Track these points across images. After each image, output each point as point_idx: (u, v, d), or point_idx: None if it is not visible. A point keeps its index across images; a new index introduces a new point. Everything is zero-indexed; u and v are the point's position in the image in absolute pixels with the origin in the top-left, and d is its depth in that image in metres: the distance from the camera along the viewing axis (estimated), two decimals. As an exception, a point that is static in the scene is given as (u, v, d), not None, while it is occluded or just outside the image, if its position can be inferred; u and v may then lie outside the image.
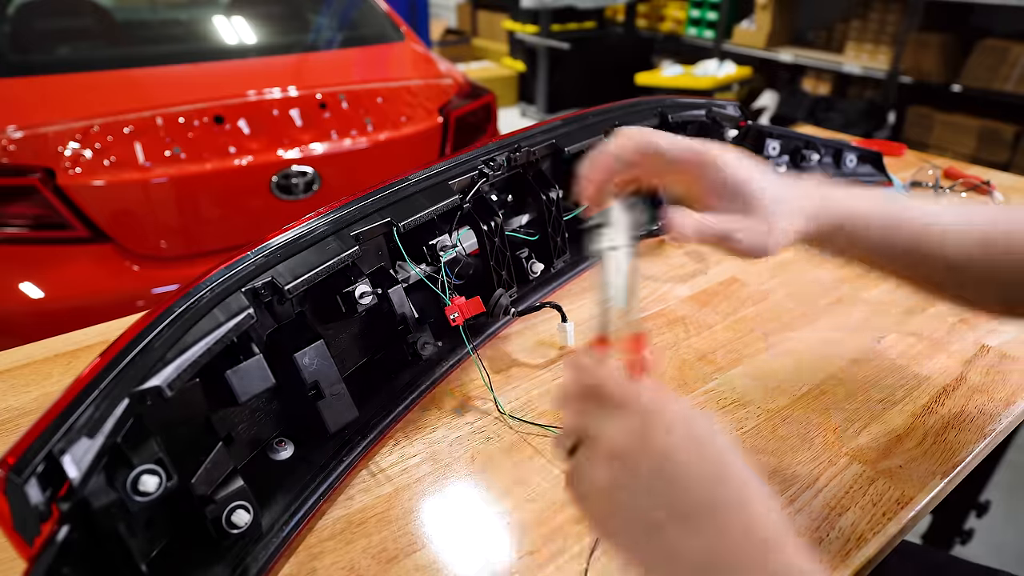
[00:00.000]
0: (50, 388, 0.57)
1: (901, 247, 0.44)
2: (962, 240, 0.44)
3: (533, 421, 0.53)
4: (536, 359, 0.61)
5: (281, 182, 1.40)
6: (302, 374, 0.46)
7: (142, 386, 0.35)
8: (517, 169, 0.68)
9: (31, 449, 0.31)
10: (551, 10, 3.94)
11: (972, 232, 0.44)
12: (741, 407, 0.54)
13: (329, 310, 0.51)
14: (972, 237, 0.44)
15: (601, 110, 0.81)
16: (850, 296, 0.72)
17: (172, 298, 0.41)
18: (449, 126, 1.61)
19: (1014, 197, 1.00)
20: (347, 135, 1.47)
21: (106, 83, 1.45)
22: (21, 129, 1.25)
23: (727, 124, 0.90)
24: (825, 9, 3.63)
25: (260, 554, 0.40)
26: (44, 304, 1.24)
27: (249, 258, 0.46)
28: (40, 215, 1.24)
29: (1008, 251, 0.44)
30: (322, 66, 1.74)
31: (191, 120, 1.34)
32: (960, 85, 2.91)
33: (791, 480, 0.47)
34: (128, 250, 1.31)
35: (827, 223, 0.43)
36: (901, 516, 0.44)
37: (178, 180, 1.31)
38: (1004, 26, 2.96)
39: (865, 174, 1.03)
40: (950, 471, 0.48)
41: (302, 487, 0.45)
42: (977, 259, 0.44)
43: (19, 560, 0.31)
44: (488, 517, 0.45)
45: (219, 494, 0.39)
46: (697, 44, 3.97)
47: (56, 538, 0.31)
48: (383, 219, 0.54)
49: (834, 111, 3.29)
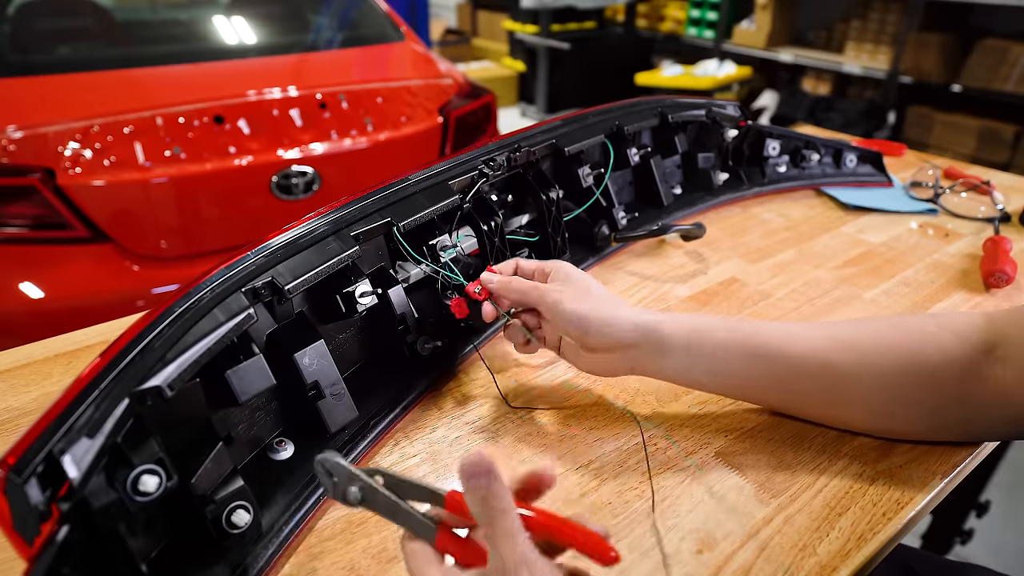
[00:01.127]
0: (50, 388, 0.57)
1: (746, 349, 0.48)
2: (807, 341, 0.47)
3: (538, 407, 0.53)
4: (536, 359, 0.61)
5: (281, 182, 1.40)
6: (302, 374, 0.46)
7: (142, 386, 0.35)
8: (517, 169, 0.68)
9: (31, 449, 0.31)
10: (551, 10, 3.94)
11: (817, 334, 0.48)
12: (741, 407, 0.54)
13: (329, 310, 0.51)
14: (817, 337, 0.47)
15: (601, 110, 0.81)
16: (850, 296, 0.72)
17: (172, 298, 0.41)
18: (449, 126, 1.61)
19: (1014, 197, 1.00)
20: (347, 135, 1.47)
21: (106, 83, 1.45)
22: (21, 129, 1.25)
23: (727, 124, 0.90)
24: (825, 9, 3.63)
25: (260, 554, 0.40)
26: (44, 304, 1.24)
27: (249, 258, 0.46)
28: (40, 215, 1.24)
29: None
30: (322, 66, 1.74)
31: (191, 120, 1.34)
32: (960, 85, 2.91)
33: (791, 480, 0.47)
34: (128, 250, 1.31)
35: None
36: (902, 516, 0.44)
37: (178, 180, 1.31)
38: (1004, 26, 2.96)
39: (865, 174, 1.04)
40: (950, 471, 0.48)
41: (302, 487, 0.45)
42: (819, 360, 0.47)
43: (19, 560, 0.31)
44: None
45: (219, 494, 0.39)
46: (697, 44, 3.97)
47: (56, 538, 0.31)
48: (383, 219, 0.54)
49: (834, 111, 3.29)
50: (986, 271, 0.75)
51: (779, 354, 0.47)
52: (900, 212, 0.94)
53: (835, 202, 0.97)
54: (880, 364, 0.45)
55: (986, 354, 0.43)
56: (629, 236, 0.76)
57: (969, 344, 0.44)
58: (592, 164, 0.76)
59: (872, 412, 0.48)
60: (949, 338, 0.44)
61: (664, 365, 0.49)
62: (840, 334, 0.47)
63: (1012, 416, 0.44)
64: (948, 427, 0.47)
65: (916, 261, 0.80)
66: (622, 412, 0.54)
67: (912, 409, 0.46)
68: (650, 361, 0.49)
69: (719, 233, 0.86)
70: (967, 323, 0.45)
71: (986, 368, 0.43)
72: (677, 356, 0.48)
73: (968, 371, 0.43)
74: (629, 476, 0.47)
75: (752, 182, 0.95)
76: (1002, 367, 0.43)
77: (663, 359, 0.48)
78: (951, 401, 0.45)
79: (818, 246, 0.83)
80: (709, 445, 0.50)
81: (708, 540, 0.42)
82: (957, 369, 0.44)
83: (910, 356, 0.45)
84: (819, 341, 0.47)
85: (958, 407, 0.45)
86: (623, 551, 0.42)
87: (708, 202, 0.90)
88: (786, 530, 0.43)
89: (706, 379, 0.49)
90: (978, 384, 0.43)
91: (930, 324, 0.46)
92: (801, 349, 0.47)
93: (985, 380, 0.43)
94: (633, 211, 0.82)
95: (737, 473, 0.48)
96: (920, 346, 0.45)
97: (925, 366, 0.44)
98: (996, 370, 0.43)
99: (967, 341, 0.44)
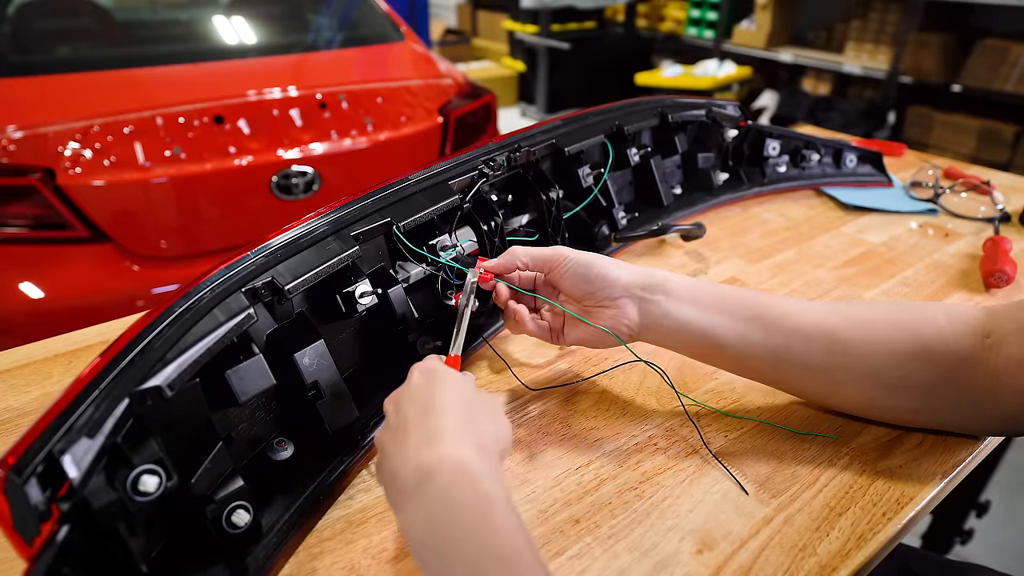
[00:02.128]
0: (50, 388, 0.57)
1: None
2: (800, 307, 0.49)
3: (555, 384, 0.53)
4: (536, 359, 0.61)
5: (281, 182, 1.40)
6: (302, 374, 0.46)
7: (142, 386, 0.35)
8: (517, 169, 0.68)
9: (31, 449, 0.31)
10: (551, 10, 3.94)
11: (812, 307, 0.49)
12: (741, 407, 0.54)
13: (329, 310, 0.51)
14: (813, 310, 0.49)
15: (601, 110, 0.81)
16: (850, 296, 0.72)
17: (172, 298, 0.41)
18: (449, 126, 1.61)
19: (1014, 197, 1.00)
20: (347, 135, 1.47)
21: (106, 83, 1.45)
22: (21, 129, 1.25)
23: (727, 124, 0.90)
24: (825, 9, 3.63)
25: (260, 554, 0.40)
26: (44, 304, 1.24)
27: (249, 258, 0.46)
28: (40, 215, 1.24)
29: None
30: (322, 66, 1.74)
31: (191, 120, 1.34)
32: (960, 85, 2.91)
33: (791, 480, 0.47)
34: (128, 250, 1.31)
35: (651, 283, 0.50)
36: (901, 516, 0.44)
37: (178, 180, 1.31)
38: (1004, 26, 2.96)
39: (865, 174, 1.04)
40: (950, 471, 0.48)
41: (302, 487, 0.45)
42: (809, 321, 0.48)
43: (19, 560, 0.31)
44: (488, 517, 0.45)
45: (219, 494, 0.39)
46: (697, 44, 3.97)
47: (56, 538, 0.31)
48: (383, 219, 0.54)
49: (834, 111, 3.29)
50: (986, 271, 0.75)
51: (783, 320, 0.47)
52: (900, 212, 0.94)
53: (835, 202, 0.97)
54: (890, 341, 0.46)
55: (982, 338, 0.45)
56: (629, 236, 0.76)
57: (967, 328, 0.45)
58: (592, 164, 0.76)
59: (871, 390, 0.48)
60: (948, 320, 0.46)
61: (668, 309, 0.49)
62: (847, 310, 0.48)
63: (1001, 408, 0.45)
64: (936, 411, 0.48)
65: (916, 261, 0.80)
66: (628, 404, 0.54)
67: (909, 389, 0.47)
68: (654, 306, 0.49)
69: (719, 233, 0.86)
70: (967, 311, 0.47)
71: (980, 353, 0.44)
72: (681, 300, 0.49)
73: (964, 354, 0.45)
74: (628, 476, 0.47)
75: (752, 182, 0.95)
76: (995, 355, 0.44)
77: (667, 303, 0.49)
78: (945, 382, 0.46)
79: (818, 246, 0.83)
80: (710, 444, 0.50)
81: (708, 540, 0.42)
82: (954, 349, 0.45)
83: (915, 333, 0.46)
84: (826, 315, 0.48)
85: (951, 389, 0.46)
86: (623, 551, 0.42)
87: (708, 202, 0.90)
88: (786, 530, 0.43)
89: (706, 332, 0.49)
90: (972, 368, 0.44)
91: (932, 307, 0.48)
92: (804, 318, 0.47)
93: (978, 364, 0.44)
94: (633, 211, 0.82)
95: (737, 473, 0.48)
96: (921, 327, 0.46)
97: (929, 344, 0.45)
98: (990, 357, 0.44)
99: (966, 326, 0.45)
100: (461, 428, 0.37)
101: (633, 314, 0.49)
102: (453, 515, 0.32)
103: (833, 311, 0.48)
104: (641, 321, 0.49)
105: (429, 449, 0.35)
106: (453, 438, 0.36)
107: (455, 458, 0.34)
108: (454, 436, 0.36)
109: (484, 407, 0.41)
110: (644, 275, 0.50)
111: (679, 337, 0.50)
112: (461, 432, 0.36)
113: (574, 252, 0.51)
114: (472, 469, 0.34)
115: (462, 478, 0.33)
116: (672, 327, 0.49)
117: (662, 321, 0.49)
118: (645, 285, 0.49)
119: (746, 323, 0.48)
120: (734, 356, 0.49)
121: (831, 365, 0.47)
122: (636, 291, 0.49)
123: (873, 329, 0.46)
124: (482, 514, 0.32)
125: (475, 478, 0.33)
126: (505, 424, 0.41)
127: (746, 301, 0.49)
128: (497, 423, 0.40)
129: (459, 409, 0.38)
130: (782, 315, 0.48)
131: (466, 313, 0.51)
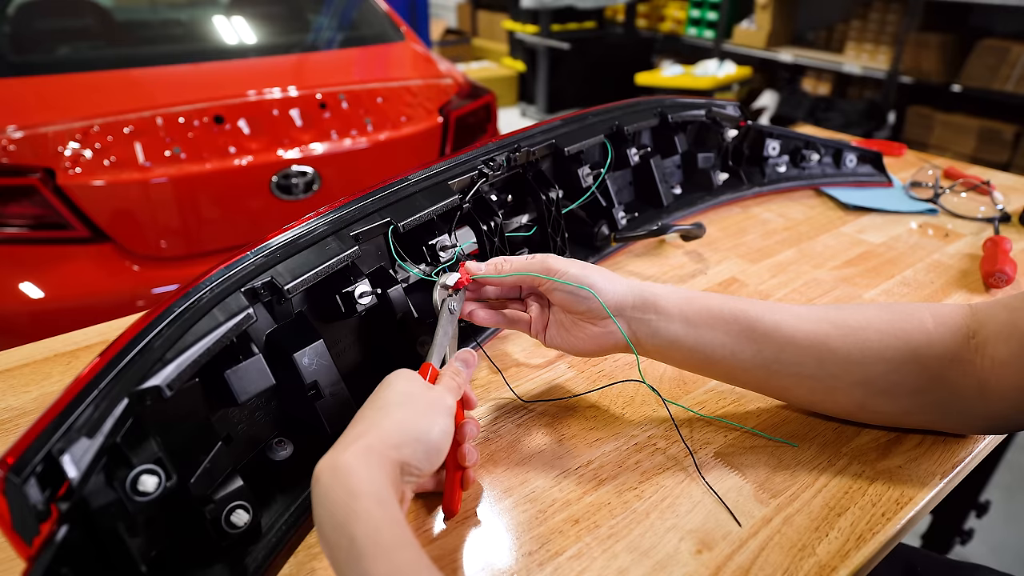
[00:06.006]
0: (50, 388, 0.57)
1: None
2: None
3: (550, 399, 0.53)
4: (536, 359, 0.61)
5: (281, 182, 1.40)
6: (301, 374, 0.46)
7: (142, 386, 0.35)
8: (517, 169, 0.68)
9: (30, 449, 0.31)
10: (551, 10, 3.94)
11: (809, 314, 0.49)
12: (740, 407, 0.54)
13: (329, 310, 0.51)
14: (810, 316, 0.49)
15: (601, 110, 0.81)
16: (850, 296, 0.72)
17: (172, 298, 0.41)
18: (449, 126, 1.61)
19: (1014, 197, 1.00)
20: (347, 135, 1.47)
21: (106, 83, 1.45)
22: (21, 129, 1.25)
23: (727, 124, 0.90)
24: (825, 9, 3.63)
25: (260, 554, 0.40)
26: (44, 304, 1.24)
27: (249, 258, 0.46)
28: (40, 215, 1.24)
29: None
30: (322, 66, 1.74)
31: (191, 120, 1.34)
32: (960, 85, 2.91)
33: (790, 480, 0.47)
34: (128, 250, 1.32)
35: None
36: (901, 516, 0.44)
37: (178, 180, 1.31)
38: (1004, 26, 2.96)
39: (865, 174, 1.04)
40: (949, 471, 0.48)
41: (302, 487, 0.45)
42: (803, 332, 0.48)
43: (18, 560, 0.31)
44: (487, 517, 0.45)
45: (218, 494, 0.39)
46: (697, 44, 3.97)
47: (55, 538, 0.31)
48: (383, 219, 0.54)
49: (834, 111, 3.29)
50: (986, 271, 0.75)
51: (774, 332, 0.47)
52: (900, 212, 0.94)
53: (835, 202, 0.97)
54: (881, 348, 0.46)
55: (968, 339, 0.45)
56: (629, 236, 0.76)
57: (953, 330, 0.45)
58: (592, 164, 0.76)
59: (862, 396, 0.48)
60: (935, 323, 0.46)
61: (658, 328, 0.49)
62: (838, 318, 0.48)
63: (989, 409, 0.45)
64: (926, 413, 0.48)
65: (916, 261, 0.80)
66: (627, 405, 0.54)
67: (900, 393, 0.47)
68: (643, 325, 0.49)
69: (719, 233, 0.86)
70: (952, 312, 0.47)
71: (967, 354, 0.45)
72: (671, 319, 0.49)
73: (951, 356, 0.45)
74: (628, 476, 0.47)
75: (752, 182, 0.95)
76: (980, 356, 0.44)
77: (657, 322, 0.49)
78: (934, 385, 0.46)
79: (818, 246, 0.83)
80: (709, 445, 0.50)
81: (708, 540, 0.42)
82: (941, 351, 0.45)
83: (905, 339, 0.46)
84: (818, 324, 0.47)
85: (941, 391, 0.46)
86: (622, 551, 0.42)
87: (708, 202, 0.90)
88: (785, 530, 0.43)
89: (696, 348, 0.49)
90: (959, 369, 0.45)
91: (919, 309, 0.48)
92: (796, 329, 0.47)
93: (965, 366, 0.44)
94: (633, 211, 0.82)
95: (737, 473, 0.48)
96: (911, 331, 0.46)
97: (919, 349, 0.45)
98: (976, 358, 0.44)
99: (951, 328, 0.46)
100: (362, 432, 0.38)
101: (615, 337, 0.49)
102: (329, 511, 0.35)
103: (824, 318, 0.48)
104: (630, 339, 0.49)
105: (328, 456, 0.37)
106: (344, 443, 0.38)
107: (332, 463, 0.36)
108: (348, 440, 0.38)
109: (416, 407, 0.41)
110: (635, 293, 0.49)
111: (668, 354, 0.50)
112: (360, 436, 0.38)
113: (564, 265, 0.49)
114: (344, 469, 0.36)
115: (334, 479, 0.36)
116: (661, 345, 0.49)
117: (651, 340, 0.49)
118: (636, 304, 0.49)
119: (736, 338, 0.48)
120: (724, 369, 0.50)
121: (823, 375, 0.47)
122: (627, 311, 0.49)
123: (864, 336, 0.46)
124: (347, 506, 0.34)
125: (346, 476, 0.35)
126: (436, 424, 0.40)
127: (738, 314, 0.48)
128: (419, 422, 0.40)
129: (374, 413, 0.40)
130: (773, 327, 0.47)
131: (441, 320, 0.50)
